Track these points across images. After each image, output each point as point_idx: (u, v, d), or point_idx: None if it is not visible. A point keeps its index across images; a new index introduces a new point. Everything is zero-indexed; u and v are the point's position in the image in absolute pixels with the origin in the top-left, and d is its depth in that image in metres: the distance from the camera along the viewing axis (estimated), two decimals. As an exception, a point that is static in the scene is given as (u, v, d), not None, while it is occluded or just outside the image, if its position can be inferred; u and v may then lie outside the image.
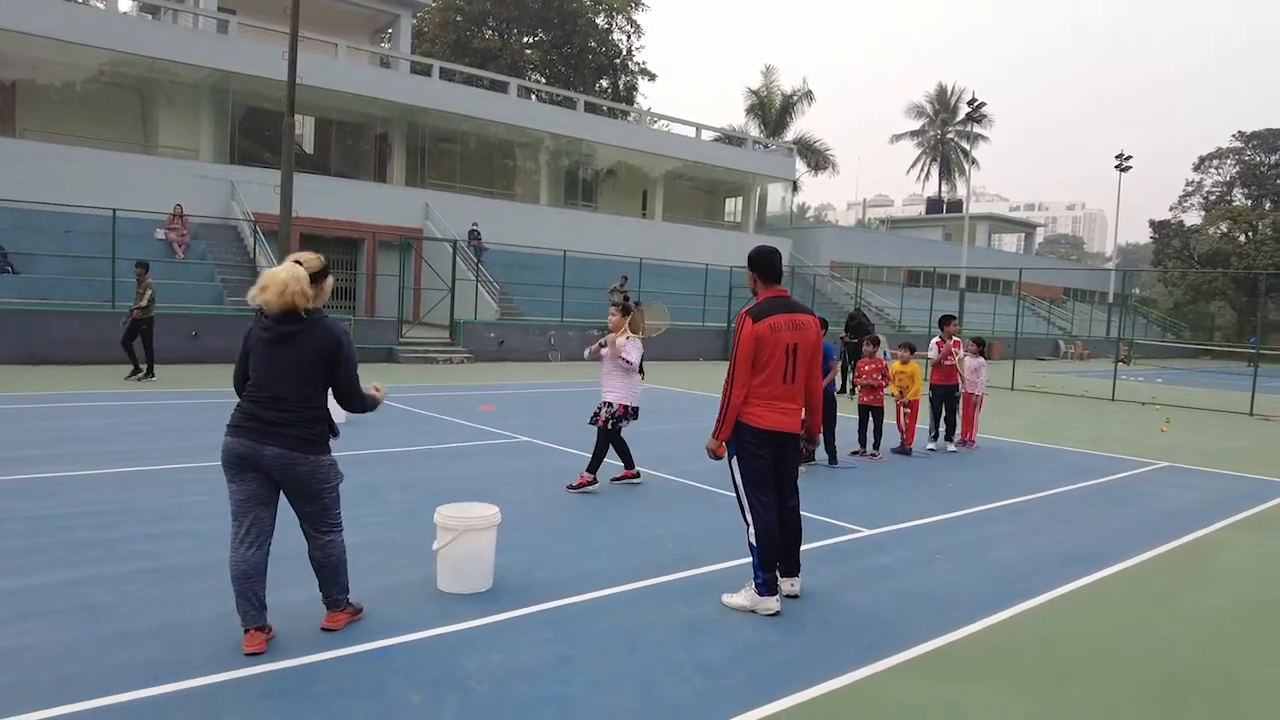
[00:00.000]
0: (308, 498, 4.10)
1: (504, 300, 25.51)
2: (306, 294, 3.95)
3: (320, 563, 4.25)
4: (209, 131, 25.84)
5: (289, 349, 3.96)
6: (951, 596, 5.28)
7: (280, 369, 3.97)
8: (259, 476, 4.01)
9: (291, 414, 3.97)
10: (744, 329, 4.83)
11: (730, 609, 4.84)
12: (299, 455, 3.98)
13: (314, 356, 3.98)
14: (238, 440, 4.00)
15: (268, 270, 4.02)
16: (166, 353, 17.79)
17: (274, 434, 3.95)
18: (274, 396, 3.97)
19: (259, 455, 3.95)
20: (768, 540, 4.82)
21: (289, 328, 3.95)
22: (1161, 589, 5.77)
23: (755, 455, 4.84)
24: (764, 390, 4.81)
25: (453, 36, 41.36)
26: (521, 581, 5.08)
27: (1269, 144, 62.40)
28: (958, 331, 11.46)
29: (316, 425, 4.05)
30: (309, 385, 4.01)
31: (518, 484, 7.87)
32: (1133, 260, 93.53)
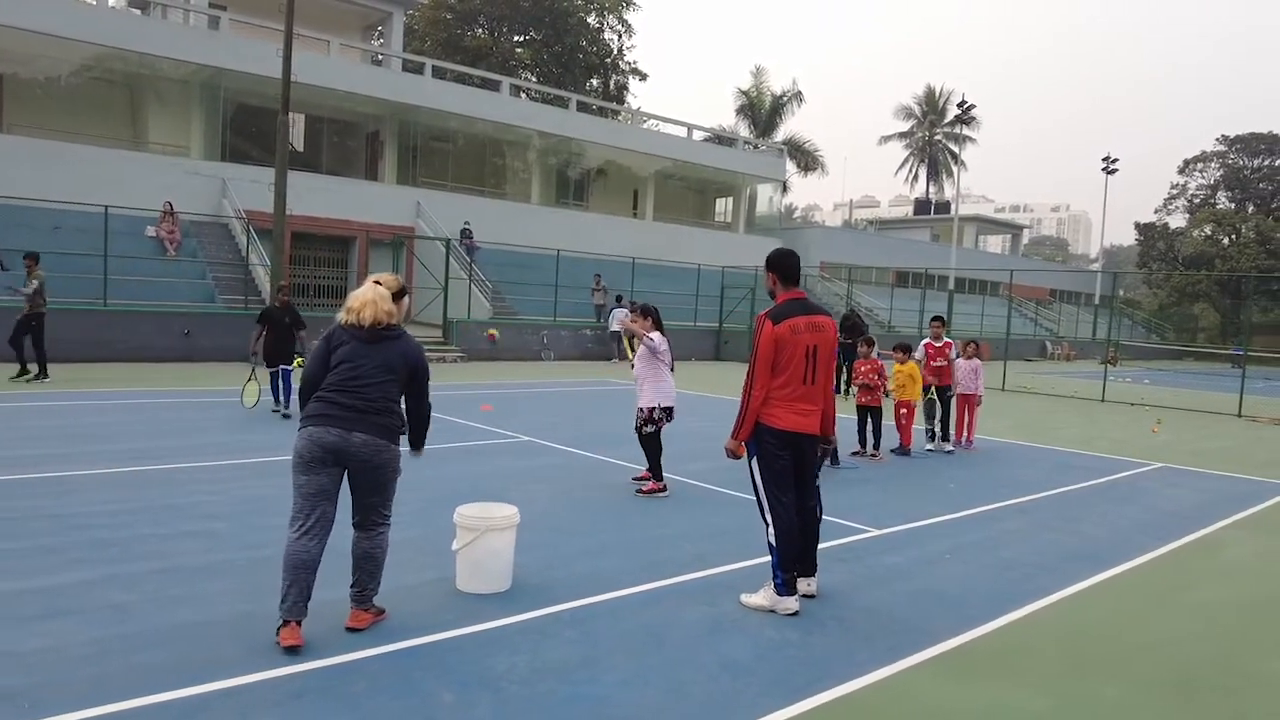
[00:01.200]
0: (377, 487, 4.25)
1: (496, 299, 25.49)
2: (391, 311, 4.31)
3: (366, 553, 4.33)
4: (200, 128, 25.70)
5: (384, 349, 4.25)
6: (966, 595, 5.33)
7: (374, 364, 4.21)
8: (334, 471, 4.15)
9: (378, 403, 4.18)
10: (764, 331, 4.86)
11: (749, 609, 4.87)
12: (384, 443, 4.17)
13: (403, 362, 4.28)
14: (325, 430, 4.11)
15: (354, 292, 4.35)
16: (158, 351, 17.72)
17: (363, 422, 4.13)
18: (364, 386, 4.17)
19: (348, 442, 4.10)
20: (788, 540, 4.84)
21: (385, 333, 4.27)
22: (1169, 586, 5.85)
23: (776, 456, 4.87)
24: (784, 392, 4.83)
25: (444, 35, 41.26)
26: (539, 581, 5.09)
27: (1252, 148, 62.96)
28: (945, 332, 11.46)
29: (397, 416, 4.29)
30: (394, 384, 4.26)
31: (524, 483, 7.88)
32: (1117, 262, 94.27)
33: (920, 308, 33.82)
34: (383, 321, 4.26)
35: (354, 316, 4.24)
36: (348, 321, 4.25)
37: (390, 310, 4.30)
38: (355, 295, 4.32)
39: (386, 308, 4.28)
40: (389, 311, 4.29)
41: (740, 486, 7.93)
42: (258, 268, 21.51)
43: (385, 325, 4.27)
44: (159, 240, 21.16)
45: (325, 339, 4.31)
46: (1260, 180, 62.55)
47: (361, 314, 4.22)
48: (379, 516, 4.33)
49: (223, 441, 9.22)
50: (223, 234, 23.34)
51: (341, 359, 4.23)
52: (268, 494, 6.92)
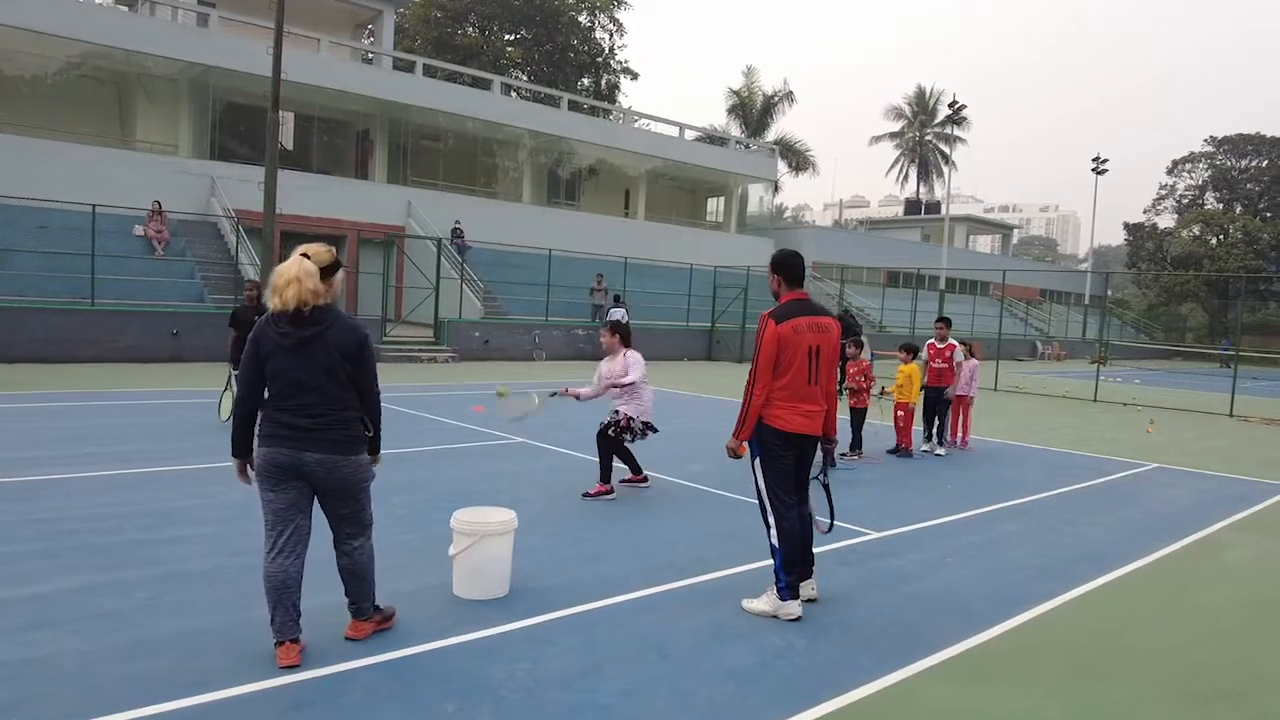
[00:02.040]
0: (346, 498, 4.00)
1: (488, 299, 25.37)
2: (317, 290, 3.79)
3: (348, 570, 4.12)
4: (189, 127, 25.48)
5: (312, 352, 3.81)
6: (970, 599, 5.28)
7: (307, 374, 3.81)
8: (300, 484, 3.92)
9: (327, 418, 3.86)
10: (766, 331, 4.82)
11: (752, 614, 4.80)
12: (340, 458, 3.90)
13: (339, 356, 3.85)
14: (277, 450, 3.85)
15: (278, 267, 3.85)
16: (146, 351, 17.56)
17: (313, 440, 3.84)
18: (305, 404, 3.83)
19: (301, 463, 3.85)
20: (790, 541, 4.80)
21: (308, 330, 3.79)
22: (1172, 589, 5.80)
23: (779, 457, 4.83)
24: (788, 392, 4.79)
25: (434, 34, 41.09)
26: (538, 587, 5.01)
27: (1239, 149, 63.34)
28: (945, 334, 11.38)
29: (353, 425, 3.95)
30: (338, 386, 3.88)
31: (519, 485, 7.80)
32: (1105, 262, 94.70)
33: (912, 308, 33.90)
34: (308, 303, 3.76)
35: (278, 298, 3.76)
36: (274, 307, 3.79)
37: (316, 289, 3.78)
38: (279, 271, 3.80)
39: (311, 286, 3.76)
40: (314, 290, 3.77)
41: (738, 488, 7.89)
42: (247, 267, 21.35)
43: (312, 309, 3.78)
44: (147, 239, 20.96)
45: (253, 343, 3.87)
46: (1248, 181, 62.94)
47: (284, 294, 3.74)
48: (354, 528, 4.07)
49: (211, 444, 9.09)
50: (212, 233, 23.16)
51: (274, 374, 3.84)
52: (253, 498, 6.79)
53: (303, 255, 3.84)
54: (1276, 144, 61.89)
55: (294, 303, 3.75)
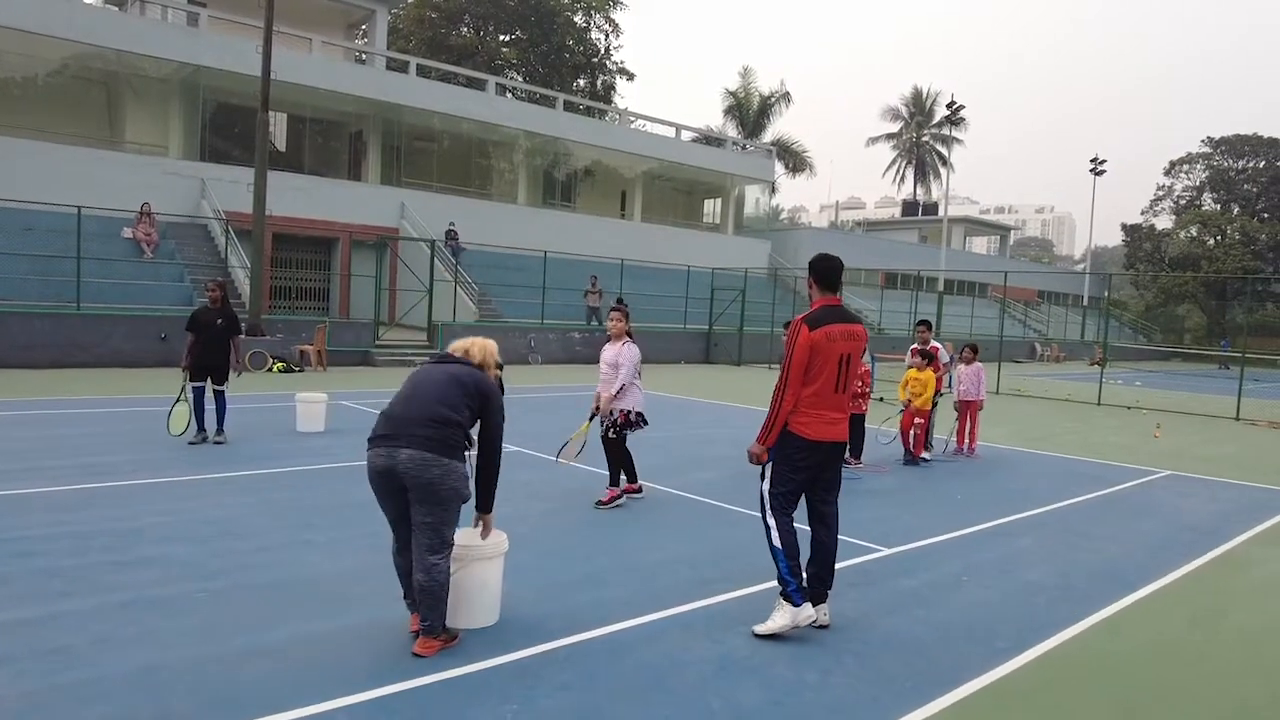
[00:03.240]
0: (431, 504, 4.03)
1: (483, 302, 25.03)
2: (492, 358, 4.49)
3: (423, 587, 4.09)
4: (178, 127, 25.12)
5: (445, 368, 4.26)
6: (990, 624, 4.95)
7: (433, 378, 4.20)
8: (400, 497, 4.07)
9: (428, 414, 4.05)
10: (799, 336, 4.67)
11: (763, 637, 4.51)
12: (432, 457, 3.98)
13: (463, 387, 4.18)
14: (375, 452, 4.07)
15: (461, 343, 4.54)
16: (134, 356, 17.19)
17: (408, 436, 4.00)
18: (414, 398, 4.12)
19: (395, 460, 3.99)
20: (790, 541, 4.64)
21: (456, 357, 4.37)
22: (1204, 610, 5.48)
23: (796, 466, 4.68)
24: (815, 400, 4.66)
25: (428, 34, 40.72)
26: (531, 614, 4.67)
27: (1237, 150, 63.16)
28: (927, 338, 11.04)
29: (452, 430, 4.08)
30: (451, 403, 4.11)
31: (510, 498, 7.43)
32: (1102, 263, 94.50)
33: (910, 309, 33.59)
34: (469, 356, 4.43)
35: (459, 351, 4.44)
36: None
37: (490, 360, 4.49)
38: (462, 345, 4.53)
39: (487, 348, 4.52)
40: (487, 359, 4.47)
41: (742, 501, 7.56)
42: (237, 270, 21.00)
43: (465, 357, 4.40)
44: (136, 242, 20.60)
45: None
46: (1245, 182, 62.76)
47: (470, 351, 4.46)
48: (433, 540, 4.07)
49: (191, 455, 8.75)
50: (202, 235, 22.79)
51: (410, 379, 4.31)
52: (233, 514, 6.47)
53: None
54: (1274, 145, 61.74)
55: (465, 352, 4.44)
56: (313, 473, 8.14)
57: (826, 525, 4.79)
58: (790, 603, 4.56)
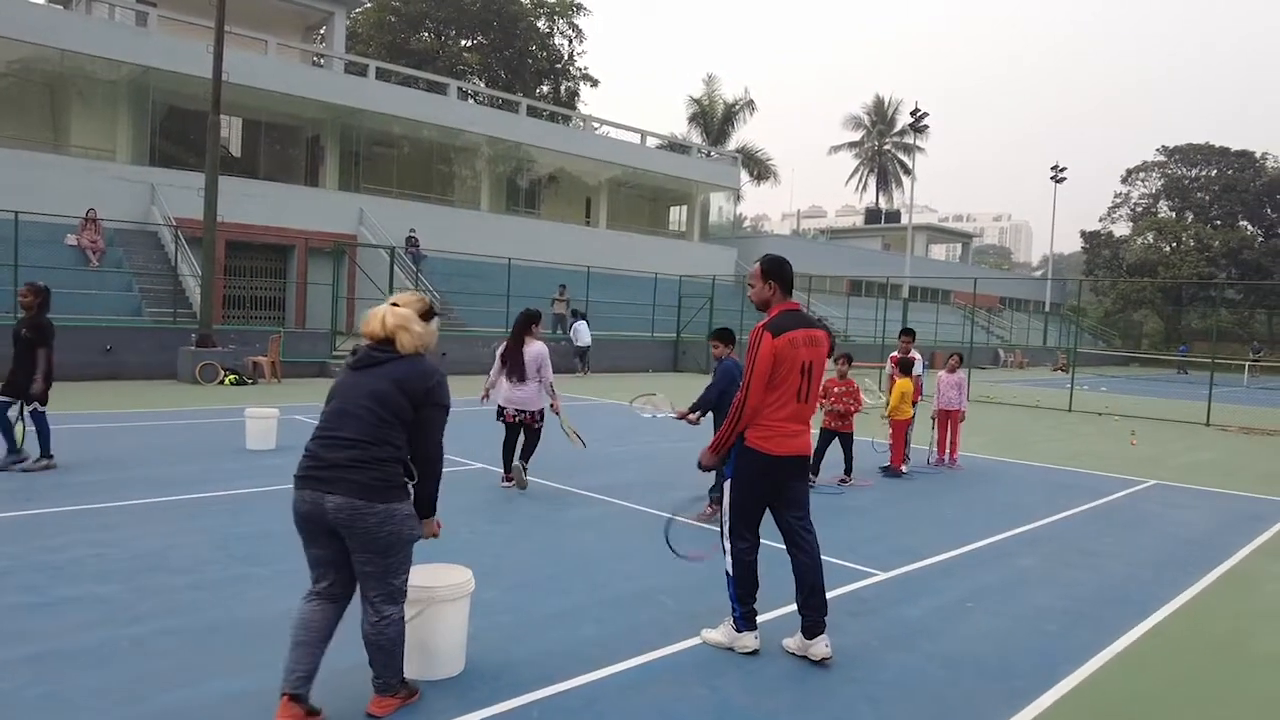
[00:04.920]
0: (372, 551, 3.38)
1: (445, 310, 24.37)
2: (410, 329, 3.47)
3: (369, 640, 3.50)
4: (127, 131, 24.20)
5: (375, 375, 3.43)
6: (1006, 659, 4.52)
7: (358, 399, 3.39)
8: (329, 538, 3.41)
9: (362, 452, 3.33)
10: (762, 344, 4.31)
11: (710, 645, 4.41)
12: (364, 505, 3.30)
13: (395, 385, 3.39)
14: (300, 497, 3.42)
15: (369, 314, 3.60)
16: (77, 368, 16.34)
17: (337, 480, 3.32)
18: (340, 433, 3.38)
19: (321, 509, 3.33)
20: (745, 570, 4.41)
21: (379, 354, 3.47)
22: (1224, 636, 5.11)
23: (754, 484, 4.37)
24: (778, 413, 4.31)
25: (388, 38, 39.97)
26: (499, 661, 4.15)
27: (1190, 159, 64.32)
28: (909, 347, 10.70)
29: (387, 467, 3.38)
30: (384, 420, 3.37)
31: (475, 522, 6.93)
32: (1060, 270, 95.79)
33: (877, 317, 33.46)
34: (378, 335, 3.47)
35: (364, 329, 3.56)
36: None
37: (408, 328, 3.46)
38: (372, 316, 3.58)
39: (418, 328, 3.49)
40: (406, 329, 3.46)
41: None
42: (188, 278, 20.18)
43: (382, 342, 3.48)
44: (80, 249, 19.72)
45: None
46: (1198, 190, 63.86)
47: (370, 325, 3.51)
48: (379, 591, 3.44)
49: (131, 475, 8.10)
50: (151, 242, 21.91)
51: (329, 397, 3.52)
52: (168, 544, 5.87)
53: (391, 305, 3.58)
54: (1225, 154, 62.97)
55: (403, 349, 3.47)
56: (260, 496, 7.53)
57: (802, 548, 4.40)
58: (733, 626, 4.44)
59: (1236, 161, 62.30)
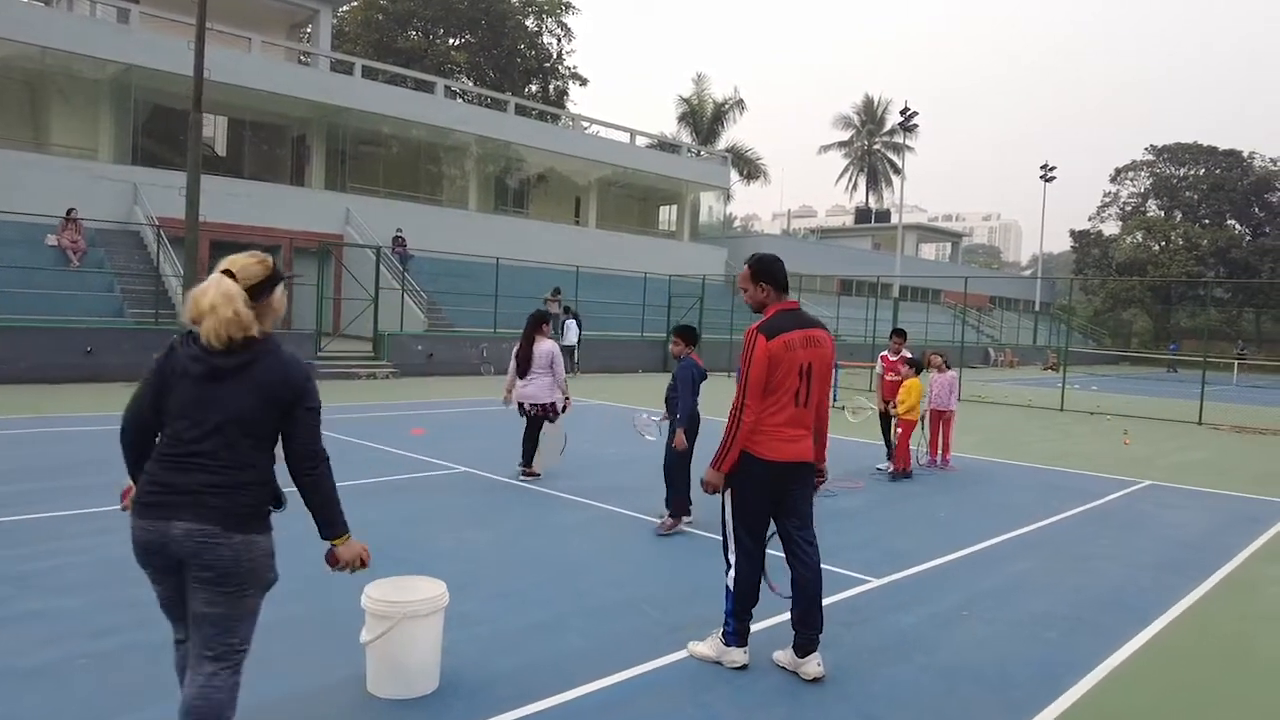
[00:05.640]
0: (219, 587, 2.76)
1: (432, 310, 24.14)
2: (241, 319, 2.74)
3: (195, 709, 2.80)
4: (109, 130, 23.89)
5: (231, 388, 2.78)
6: (1004, 670, 4.36)
7: (209, 415, 2.77)
8: (173, 581, 2.82)
9: (217, 476, 2.76)
10: (755, 347, 4.09)
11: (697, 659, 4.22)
12: (219, 531, 2.73)
13: (262, 400, 2.80)
14: (143, 525, 2.79)
15: (194, 290, 2.83)
16: (57, 370, 16.10)
17: (187, 505, 2.73)
18: (195, 452, 2.76)
19: (166, 538, 2.74)
20: (747, 585, 4.18)
21: (229, 361, 2.77)
22: (1229, 643, 4.97)
23: (756, 491, 4.14)
24: (775, 417, 4.09)
25: (375, 37, 39.67)
26: (475, 677, 3.96)
27: (1178, 158, 64.47)
28: (900, 348, 10.60)
29: (250, 492, 2.82)
30: (248, 439, 2.81)
31: (459, 529, 6.74)
32: (1050, 269, 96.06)
33: (868, 316, 33.39)
34: (231, 338, 2.74)
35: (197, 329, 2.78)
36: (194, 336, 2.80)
37: (240, 317, 2.74)
38: (194, 297, 2.79)
39: (230, 314, 2.72)
40: (238, 320, 2.73)
41: (713, 526, 6.91)
42: (171, 279, 19.90)
43: (238, 342, 2.76)
44: (60, 249, 19.42)
45: (159, 363, 2.85)
46: (1186, 189, 64.00)
47: (203, 329, 2.75)
48: (216, 644, 2.81)
49: (107, 480, 7.86)
50: (133, 243, 21.62)
51: (173, 411, 2.80)
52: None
53: (224, 273, 2.81)
54: (1212, 153, 63.14)
55: (212, 336, 2.74)
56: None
57: (803, 560, 4.19)
58: (722, 640, 4.24)
59: (1224, 161, 62.47)
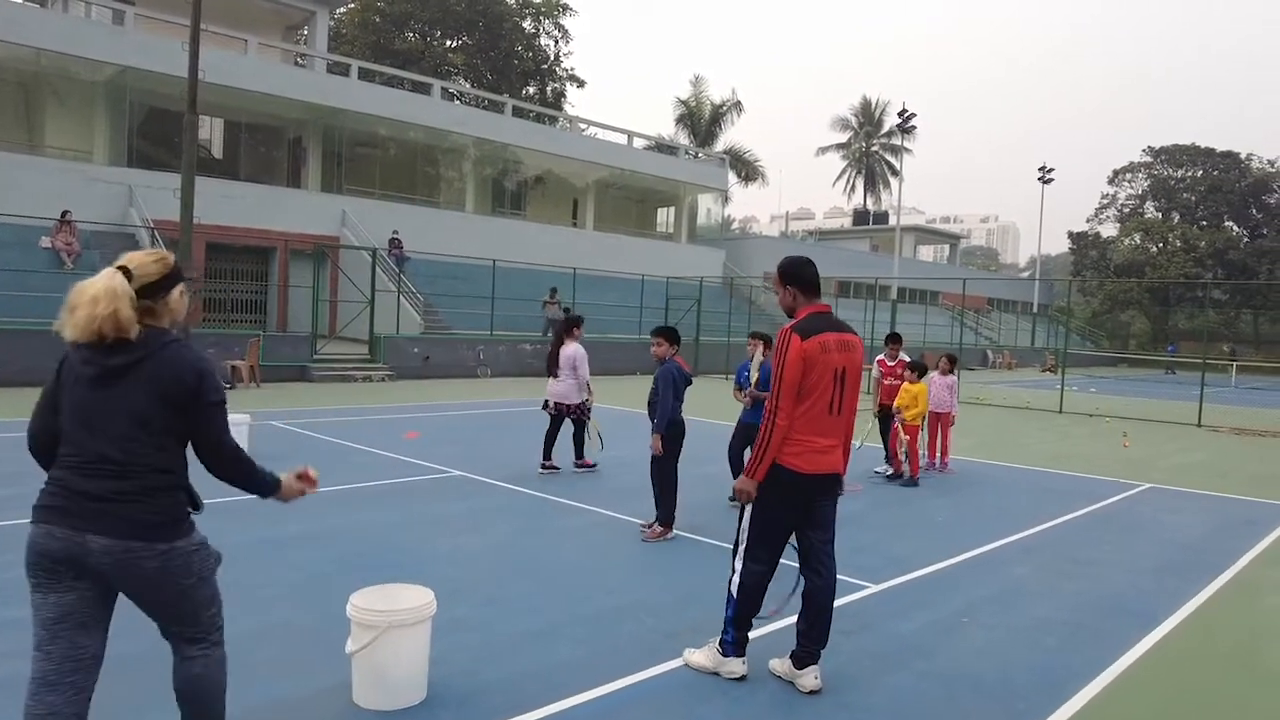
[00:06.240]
0: (164, 603, 2.71)
1: (428, 312, 24.05)
2: (125, 318, 2.57)
3: (185, 691, 2.84)
4: (104, 132, 23.81)
5: (120, 390, 2.62)
6: (1006, 678, 4.27)
7: (106, 418, 2.62)
8: (84, 586, 2.64)
9: (126, 482, 2.61)
10: (790, 348, 3.92)
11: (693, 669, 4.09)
12: (141, 546, 2.59)
13: (157, 398, 2.63)
14: (49, 530, 2.60)
15: (79, 284, 2.63)
16: (43, 374, 15.92)
17: (101, 516, 2.58)
18: (99, 458, 2.61)
19: (83, 551, 2.57)
20: (751, 595, 4.04)
21: (118, 359, 2.61)
22: (1233, 649, 4.88)
23: (782, 505, 3.99)
24: (805, 424, 3.92)
25: (372, 38, 39.59)
26: (465, 687, 3.87)
27: (1176, 159, 64.45)
28: (896, 352, 10.53)
29: (164, 497, 2.67)
30: (151, 440, 2.65)
31: (452, 534, 6.65)
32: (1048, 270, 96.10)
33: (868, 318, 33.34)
34: (108, 335, 2.56)
35: (68, 327, 2.58)
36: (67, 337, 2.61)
37: (120, 316, 2.55)
38: (79, 288, 2.61)
39: (110, 310, 2.54)
40: (117, 319, 2.55)
41: (711, 531, 6.84)
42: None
43: (122, 341, 2.58)
44: (55, 251, 19.32)
45: (58, 369, 2.72)
46: (1184, 190, 64.00)
47: (74, 317, 2.56)
48: (191, 631, 2.81)
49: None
50: (129, 245, 21.42)
51: (69, 413, 2.66)
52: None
53: (118, 269, 2.65)
54: (1210, 155, 63.13)
55: (84, 332, 2.55)
56: (224, 508, 7.21)
57: (819, 571, 4.06)
58: (720, 651, 4.09)
59: (1222, 162, 62.48)
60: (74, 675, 2.64)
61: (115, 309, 2.55)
